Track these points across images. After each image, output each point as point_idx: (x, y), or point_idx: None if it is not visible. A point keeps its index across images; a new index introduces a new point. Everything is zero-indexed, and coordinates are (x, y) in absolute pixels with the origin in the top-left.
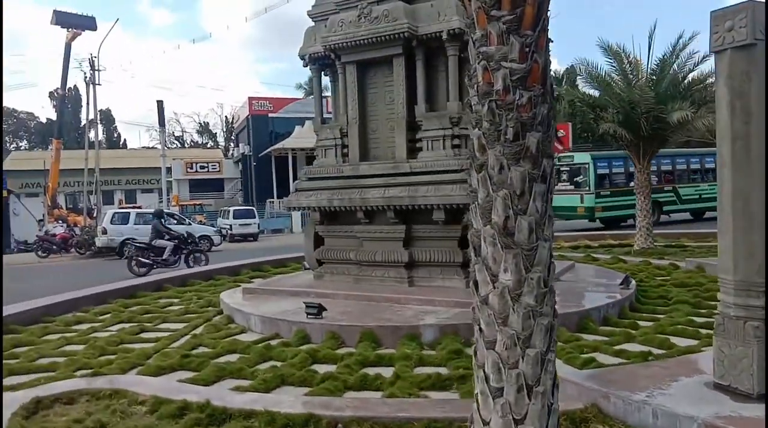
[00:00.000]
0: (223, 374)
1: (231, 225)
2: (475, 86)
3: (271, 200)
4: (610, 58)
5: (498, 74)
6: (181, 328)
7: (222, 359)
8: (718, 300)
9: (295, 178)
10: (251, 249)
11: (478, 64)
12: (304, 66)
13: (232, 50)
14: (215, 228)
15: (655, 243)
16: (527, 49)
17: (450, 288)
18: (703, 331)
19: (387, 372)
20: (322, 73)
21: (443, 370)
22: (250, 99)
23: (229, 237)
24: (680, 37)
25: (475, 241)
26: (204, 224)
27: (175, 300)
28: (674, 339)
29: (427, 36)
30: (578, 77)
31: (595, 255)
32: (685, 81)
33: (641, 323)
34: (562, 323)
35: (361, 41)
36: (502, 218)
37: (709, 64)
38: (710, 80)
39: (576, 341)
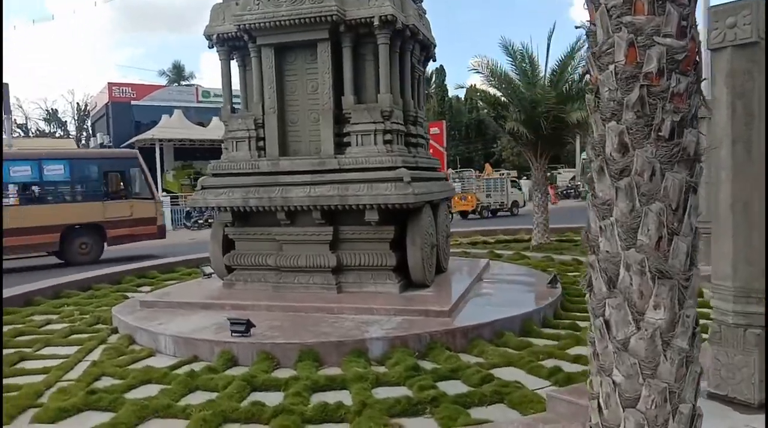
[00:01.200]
0: (146, 413)
1: None
2: (611, 67)
3: None
4: (511, 58)
5: (652, 52)
6: (72, 353)
7: (136, 392)
8: (711, 307)
9: (162, 171)
10: (123, 249)
11: (618, 37)
12: (209, 47)
13: (82, 34)
14: None
15: (550, 239)
16: (684, 23)
17: (383, 293)
18: None
19: (344, 397)
20: (231, 55)
21: (405, 391)
22: (110, 85)
23: None
24: (579, 38)
25: (610, 269)
26: None
27: (53, 317)
28: None
29: (356, 21)
30: (477, 74)
31: (496, 252)
32: (582, 81)
33: (580, 323)
34: (508, 327)
35: (282, 22)
36: (655, 239)
37: None
38: None
39: (528, 347)
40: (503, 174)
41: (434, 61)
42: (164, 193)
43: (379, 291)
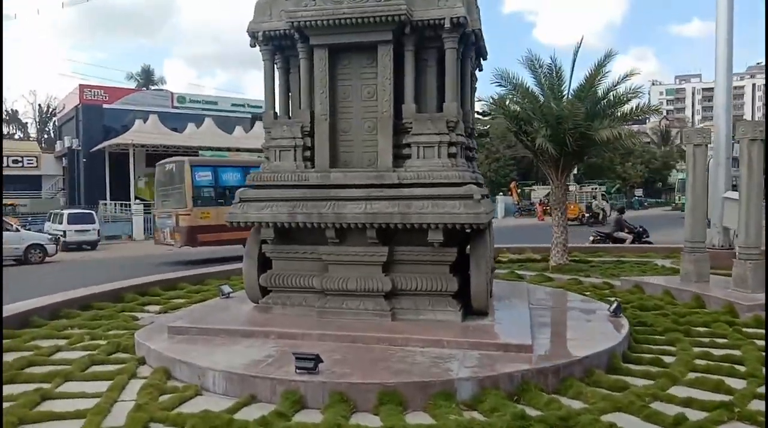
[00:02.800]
0: None
1: (65, 232)
2: None
3: (105, 202)
4: (536, 72)
5: None
6: (103, 391)
7: None
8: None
9: (136, 177)
10: (98, 260)
11: None
12: (252, 46)
13: (45, 35)
14: (49, 236)
15: (569, 260)
16: None
17: (443, 321)
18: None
19: None
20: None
21: None
22: (82, 86)
23: (61, 246)
24: (608, 54)
25: None
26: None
27: (61, 343)
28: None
29: (423, 23)
30: (500, 86)
31: (517, 273)
32: (606, 99)
33: (663, 358)
34: (596, 364)
35: (341, 21)
36: None
37: (625, 85)
38: (634, 100)
39: (624, 387)
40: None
41: (481, 70)
42: (137, 201)
43: (438, 320)
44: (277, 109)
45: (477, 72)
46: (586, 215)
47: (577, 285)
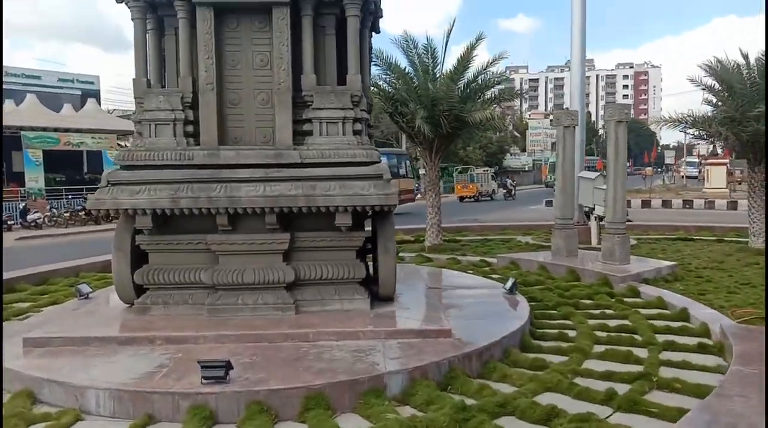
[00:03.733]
0: None
1: None
2: None
3: None
4: (410, 53)
5: None
6: None
7: None
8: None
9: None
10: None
11: None
12: (118, 1)
13: None
14: None
15: (443, 240)
16: None
17: (351, 311)
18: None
19: None
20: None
21: None
22: None
23: None
24: (479, 38)
25: None
26: None
27: None
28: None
29: None
30: (374, 67)
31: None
32: (475, 82)
33: (568, 332)
34: (512, 344)
35: None
36: None
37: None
38: (503, 83)
39: (544, 366)
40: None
41: (378, 33)
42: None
43: (346, 309)
44: (149, 77)
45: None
46: (482, 193)
47: (457, 264)
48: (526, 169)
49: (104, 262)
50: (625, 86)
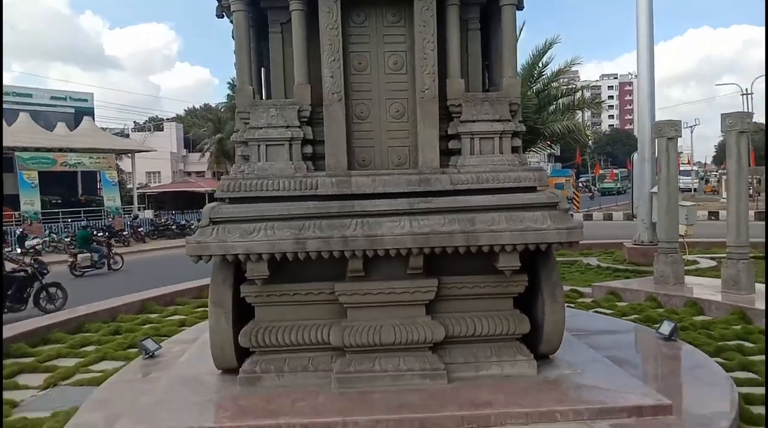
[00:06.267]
0: None
1: None
2: None
3: None
4: None
5: None
6: None
7: None
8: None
9: None
10: None
11: None
12: None
13: None
14: None
15: None
16: None
17: (513, 377)
18: None
19: None
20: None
21: None
22: None
23: None
24: (552, 41)
25: None
26: None
27: None
28: None
29: None
30: None
31: None
32: (547, 90)
33: None
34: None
35: None
36: None
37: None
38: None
39: None
40: None
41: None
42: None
43: (506, 374)
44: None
45: None
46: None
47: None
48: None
49: (144, 301)
50: (611, 97)
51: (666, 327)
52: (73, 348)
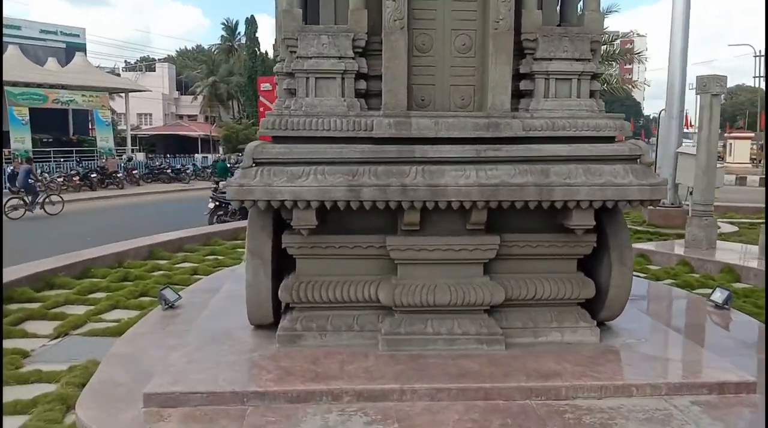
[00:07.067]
0: None
1: None
2: None
3: None
4: None
5: None
6: None
7: None
8: None
9: None
10: None
11: None
12: None
13: None
14: None
15: None
16: None
17: (574, 345)
18: None
19: None
20: None
21: None
22: None
23: None
24: None
25: None
26: None
27: None
28: None
29: None
30: None
31: None
32: None
33: None
34: None
35: None
36: None
37: None
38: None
39: None
40: None
41: None
42: None
43: (567, 342)
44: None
45: None
46: None
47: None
48: None
49: (151, 246)
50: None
51: (719, 295)
52: (81, 294)
